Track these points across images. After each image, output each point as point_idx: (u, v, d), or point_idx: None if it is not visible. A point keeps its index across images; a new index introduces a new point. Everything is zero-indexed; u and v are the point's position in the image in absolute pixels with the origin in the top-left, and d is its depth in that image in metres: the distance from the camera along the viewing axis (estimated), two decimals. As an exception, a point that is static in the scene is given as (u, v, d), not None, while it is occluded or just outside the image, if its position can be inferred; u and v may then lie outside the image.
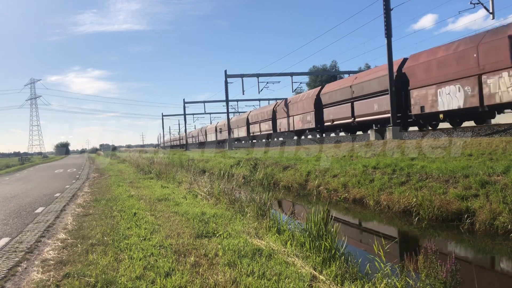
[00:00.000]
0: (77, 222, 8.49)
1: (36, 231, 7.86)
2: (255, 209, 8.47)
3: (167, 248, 6.06)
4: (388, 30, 18.47)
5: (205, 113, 70.37)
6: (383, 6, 18.45)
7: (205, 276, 4.77)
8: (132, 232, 7.18)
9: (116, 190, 14.24)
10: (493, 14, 17.08)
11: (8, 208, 11.36)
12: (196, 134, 76.81)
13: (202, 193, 12.12)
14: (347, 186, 12.76)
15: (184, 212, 9.12)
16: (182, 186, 14.92)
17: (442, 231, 8.59)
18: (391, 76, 18.41)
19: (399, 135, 17.62)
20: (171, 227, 7.54)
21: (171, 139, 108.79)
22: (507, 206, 7.94)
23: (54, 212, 10.20)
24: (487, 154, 11.14)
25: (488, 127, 14.92)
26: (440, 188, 9.73)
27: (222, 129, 53.26)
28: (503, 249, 7.37)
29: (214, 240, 6.54)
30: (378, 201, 10.94)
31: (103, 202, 11.20)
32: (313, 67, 67.09)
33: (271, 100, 51.06)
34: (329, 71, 63.47)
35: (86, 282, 4.70)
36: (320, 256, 5.44)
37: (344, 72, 47.48)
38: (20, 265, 5.67)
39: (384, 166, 12.69)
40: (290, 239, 6.43)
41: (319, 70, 64.99)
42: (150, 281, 4.67)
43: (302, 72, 43.66)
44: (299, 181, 15.44)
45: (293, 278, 4.65)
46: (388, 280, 4.60)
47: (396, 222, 9.84)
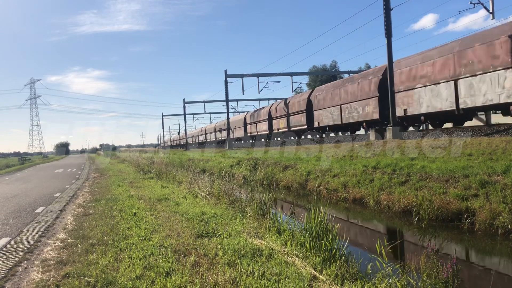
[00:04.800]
0: (77, 222, 8.48)
1: (36, 231, 7.85)
2: (255, 209, 8.47)
3: (167, 248, 6.06)
4: (388, 30, 18.47)
5: (205, 113, 70.34)
6: (383, 6, 18.45)
7: (205, 276, 4.77)
8: (132, 232, 7.18)
9: (116, 190, 14.23)
10: (493, 14, 17.12)
11: (8, 208, 11.35)
12: (196, 134, 76.80)
13: (202, 193, 12.11)
14: (347, 186, 12.75)
15: (184, 212, 9.12)
16: (182, 186, 14.92)
17: (442, 231, 8.59)
18: (391, 75, 18.45)
19: (399, 135, 17.63)
20: (171, 227, 7.53)
21: (171, 139, 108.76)
22: (507, 206, 7.94)
23: (54, 212, 10.20)
24: (487, 154, 11.13)
25: (488, 127, 14.98)
26: (440, 188, 9.72)
27: (222, 129, 53.25)
28: (503, 249, 7.36)
29: (214, 240, 6.54)
30: (378, 201, 10.93)
31: (103, 202, 11.19)
32: (313, 67, 67.18)
33: (271, 100, 51.15)
34: (329, 71, 63.47)
35: (86, 282, 4.69)
36: (320, 256, 5.43)
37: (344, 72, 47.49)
38: (20, 265, 5.66)
39: (384, 166, 12.69)
40: (290, 239, 6.43)
41: (319, 70, 65.01)
42: (150, 281, 4.67)
43: (302, 72, 43.69)
44: (299, 181, 15.43)
45: (293, 278, 4.65)
46: (389, 280, 4.59)
47: (396, 222, 9.83)
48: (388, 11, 18.41)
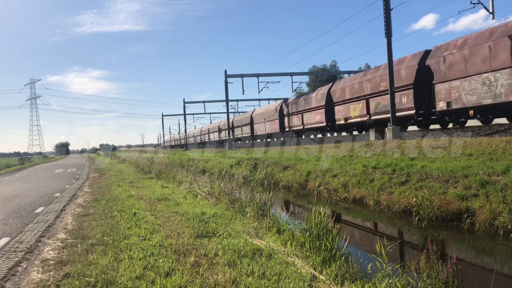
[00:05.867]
0: (77, 222, 8.48)
1: (36, 231, 7.85)
2: (255, 209, 8.47)
3: (167, 248, 6.06)
4: (388, 30, 18.46)
5: (205, 113, 70.13)
6: (383, 6, 18.44)
7: (205, 276, 4.77)
8: (132, 232, 7.17)
9: (116, 190, 14.23)
10: (493, 14, 17.09)
11: (8, 208, 11.35)
12: (196, 134, 76.80)
13: (202, 193, 12.11)
14: (347, 186, 12.75)
15: (184, 212, 9.12)
16: (182, 186, 14.92)
17: (442, 231, 8.58)
18: (391, 75, 18.45)
19: (399, 135, 17.62)
20: (171, 227, 7.53)
21: (171, 139, 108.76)
22: (507, 206, 7.94)
23: (54, 212, 10.20)
24: (487, 154, 11.13)
25: (488, 127, 14.98)
26: (440, 188, 9.72)
27: (222, 128, 53.26)
28: (503, 249, 7.36)
29: (214, 240, 6.54)
30: (378, 201, 10.93)
31: (103, 202, 11.19)
32: (313, 67, 67.10)
33: (271, 100, 51.06)
34: (329, 71, 63.40)
35: (86, 282, 4.69)
36: (320, 256, 5.43)
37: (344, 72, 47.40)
38: (20, 265, 5.66)
39: (384, 166, 12.69)
40: (290, 239, 6.43)
41: (319, 70, 64.95)
42: (150, 281, 4.67)
43: (302, 72, 43.54)
44: (299, 181, 15.43)
45: (293, 278, 4.64)
46: (389, 280, 4.58)
47: (396, 222, 9.83)
48: (388, 11, 18.40)
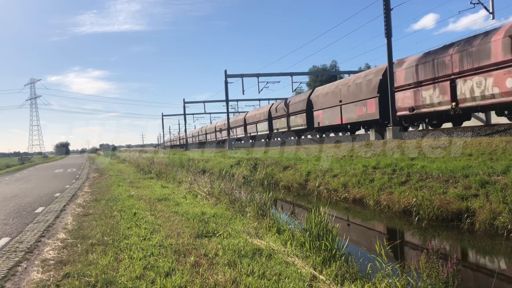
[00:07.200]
0: (77, 222, 8.48)
1: (36, 231, 7.85)
2: (255, 209, 8.47)
3: (167, 248, 6.06)
4: (388, 30, 18.46)
5: (205, 113, 70.47)
6: (383, 6, 18.44)
7: (205, 276, 4.77)
8: (132, 232, 7.17)
9: (116, 190, 14.23)
10: (493, 14, 17.11)
11: (8, 208, 11.35)
12: (196, 134, 76.76)
13: (202, 193, 12.11)
14: (347, 186, 12.75)
15: (184, 212, 9.12)
16: (182, 186, 14.92)
17: (442, 231, 8.58)
18: (391, 75, 18.46)
19: (399, 135, 17.62)
20: (171, 227, 7.53)
21: (171, 139, 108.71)
22: (507, 206, 7.93)
23: (54, 212, 10.20)
24: (487, 154, 11.12)
25: (488, 127, 14.98)
26: (440, 188, 9.72)
27: (222, 129, 53.23)
28: (503, 249, 7.36)
29: (214, 240, 6.54)
30: (378, 201, 10.93)
31: (103, 202, 11.19)
32: (313, 67, 67.19)
33: (271, 100, 51.10)
34: (329, 71, 63.47)
35: (86, 282, 4.69)
36: (320, 256, 5.43)
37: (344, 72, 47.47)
38: (20, 265, 5.66)
39: (384, 166, 12.68)
40: (290, 239, 6.42)
41: (319, 70, 65.00)
42: (150, 281, 4.67)
43: (302, 72, 43.64)
44: (299, 181, 15.43)
45: (293, 278, 4.64)
46: (389, 280, 4.58)
47: (396, 222, 9.83)
48: (388, 11, 18.40)
